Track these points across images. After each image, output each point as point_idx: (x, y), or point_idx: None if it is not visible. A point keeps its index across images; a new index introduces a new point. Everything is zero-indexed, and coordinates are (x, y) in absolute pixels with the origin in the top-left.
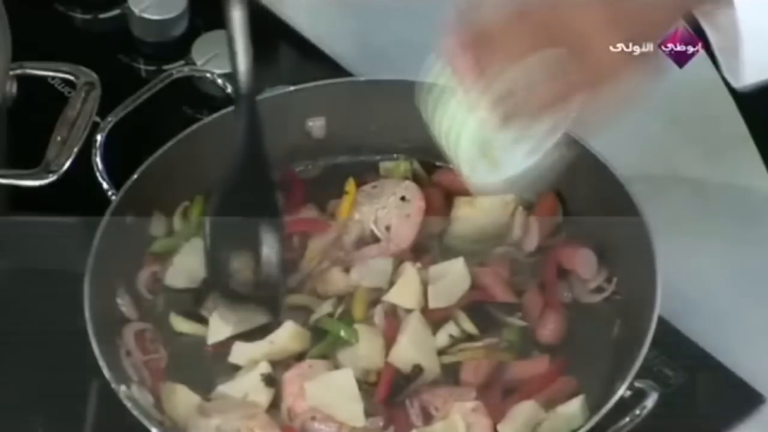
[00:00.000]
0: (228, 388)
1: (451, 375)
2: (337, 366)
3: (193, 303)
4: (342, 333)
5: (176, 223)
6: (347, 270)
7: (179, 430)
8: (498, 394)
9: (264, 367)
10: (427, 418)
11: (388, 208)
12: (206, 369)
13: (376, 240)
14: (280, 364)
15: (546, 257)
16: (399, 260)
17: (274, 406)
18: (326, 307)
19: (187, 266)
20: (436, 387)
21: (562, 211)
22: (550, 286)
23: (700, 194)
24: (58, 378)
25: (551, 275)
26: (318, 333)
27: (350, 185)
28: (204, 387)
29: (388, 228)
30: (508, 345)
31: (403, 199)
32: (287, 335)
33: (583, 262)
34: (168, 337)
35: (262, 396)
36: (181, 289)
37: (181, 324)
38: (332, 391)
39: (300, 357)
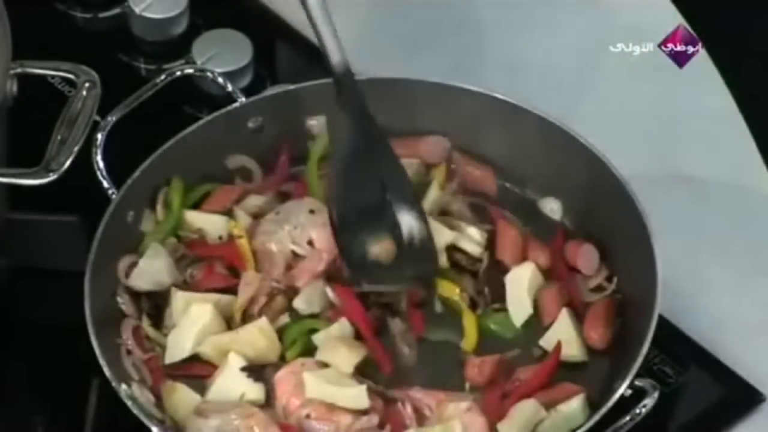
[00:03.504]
0: (215, 392)
1: (453, 374)
2: (323, 362)
3: (155, 309)
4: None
5: (159, 213)
6: (285, 295)
7: (179, 429)
8: (499, 393)
9: (237, 361)
10: (421, 418)
11: (301, 226)
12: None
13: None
14: (272, 366)
15: (553, 258)
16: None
17: (269, 405)
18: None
19: (151, 269)
20: (430, 388)
21: (562, 210)
22: (566, 285)
23: (700, 194)
24: (58, 378)
25: (562, 273)
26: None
27: (233, 225)
28: (204, 385)
29: (310, 243)
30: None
31: (312, 212)
32: (257, 329)
33: (586, 257)
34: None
35: (255, 392)
36: (144, 291)
37: (148, 329)
38: (331, 378)
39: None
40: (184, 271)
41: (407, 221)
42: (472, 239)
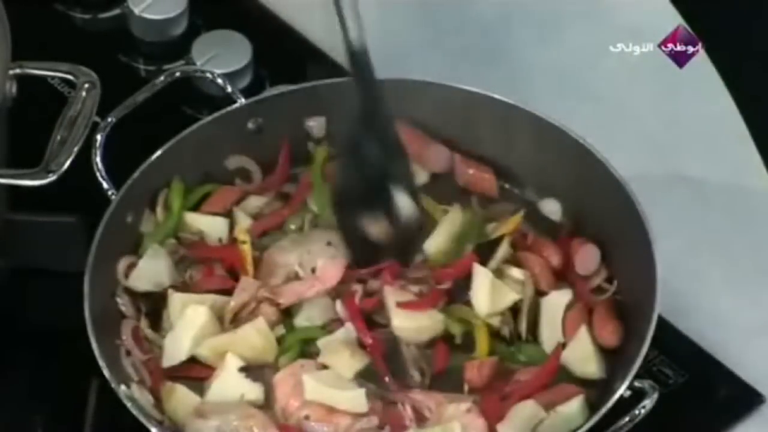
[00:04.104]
0: (214, 393)
1: (454, 375)
2: (324, 364)
3: (153, 310)
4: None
5: (159, 214)
6: (276, 305)
7: (179, 430)
8: (499, 394)
9: (235, 362)
10: (421, 419)
11: (314, 253)
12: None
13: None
14: (270, 367)
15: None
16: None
17: (268, 406)
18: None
19: (151, 270)
20: (431, 389)
21: (562, 211)
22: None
23: (700, 194)
24: (58, 378)
25: (572, 276)
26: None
27: (240, 230)
28: (203, 386)
29: (313, 270)
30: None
31: (329, 244)
32: (254, 330)
33: (587, 258)
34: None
35: (254, 393)
36: (143, 292)
37: (146, 331)
38: (330, 381)
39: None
40: (183, 272)
41: (403, 203)
42: (516, 280)
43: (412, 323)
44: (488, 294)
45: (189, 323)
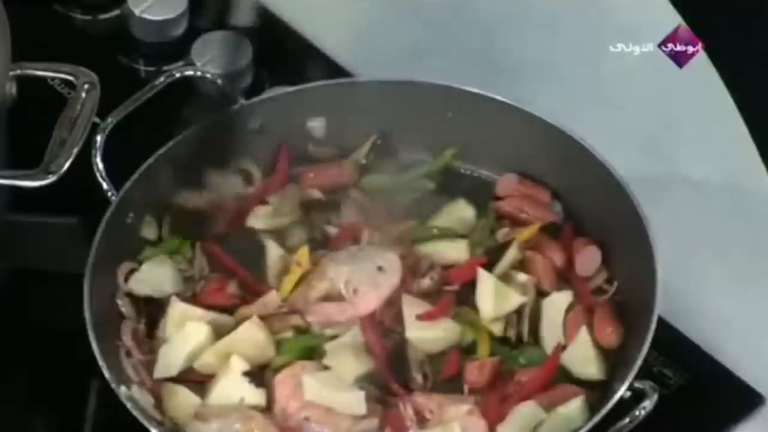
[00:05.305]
0: (215, 396)
1: (454, 376)
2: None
3: (150, 317)
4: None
5: (165, 233)
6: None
7: (179, 431)
8: (499, 395)
9: (239, 364)
10: (421, 421)
11: (362, 274)
12: None
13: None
14: (270, 369)
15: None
16: None
17: (269, 409)
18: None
19: (152, 275)
20: (432, 391)
21: (562, 212)
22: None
23: (700, 194)
24: (58, 378)
25: (573, 276)
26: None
27: (303, 253)
28: (205, 388)
29: (355, 291)
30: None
31: (380, 269)
32: (252, 327)
33: (588, 259)
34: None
35: (256, 397)
36: (141, 296)
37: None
38: (330, 382)
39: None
40: (196, 281)
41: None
42: (521, 285)
43: (427, 334)
44: (492, 298)
45: (187, 339)
